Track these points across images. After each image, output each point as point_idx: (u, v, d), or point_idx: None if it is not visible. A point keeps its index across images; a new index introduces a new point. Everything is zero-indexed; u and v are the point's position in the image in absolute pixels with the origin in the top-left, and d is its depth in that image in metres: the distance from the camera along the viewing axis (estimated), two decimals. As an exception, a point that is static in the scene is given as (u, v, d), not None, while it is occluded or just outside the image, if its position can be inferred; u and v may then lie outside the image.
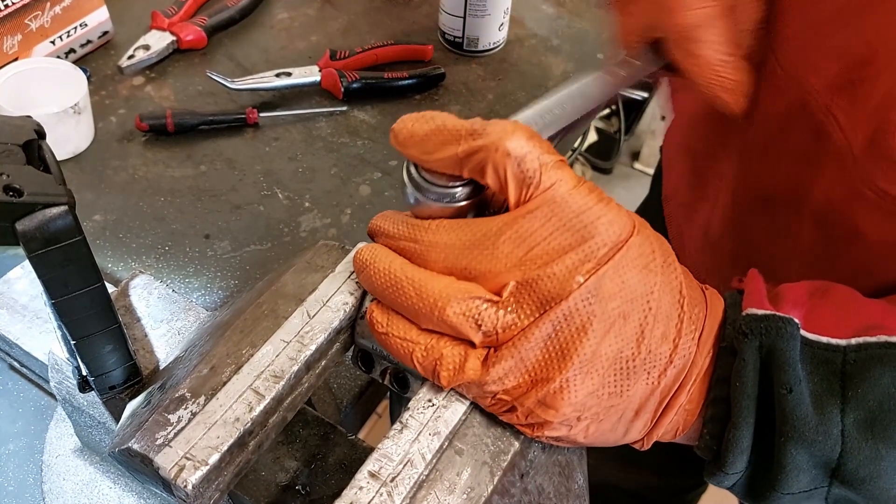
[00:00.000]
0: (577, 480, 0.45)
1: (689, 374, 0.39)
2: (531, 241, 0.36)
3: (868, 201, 0.50)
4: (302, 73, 0.87)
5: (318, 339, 0.41)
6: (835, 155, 0.51)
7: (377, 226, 0.41)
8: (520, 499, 0.40)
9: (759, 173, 0.59)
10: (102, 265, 0.72)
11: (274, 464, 0.48)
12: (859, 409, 0.38)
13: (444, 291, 0.37)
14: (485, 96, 0.90)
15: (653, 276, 0.37)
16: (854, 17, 0.48)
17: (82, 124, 0.80)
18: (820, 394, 0.39)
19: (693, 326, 0.39)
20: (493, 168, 0.37)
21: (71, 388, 0.48)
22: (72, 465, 0.54)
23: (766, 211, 0.60)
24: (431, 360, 0.38)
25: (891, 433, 0.38)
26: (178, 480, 0.35)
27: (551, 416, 0.37)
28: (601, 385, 0.37)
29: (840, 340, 0.39)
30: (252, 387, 0.38)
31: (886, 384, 0.38)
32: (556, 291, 0.36)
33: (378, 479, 0.36)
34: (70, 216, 0.34)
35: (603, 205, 0.37)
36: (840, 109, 0.50)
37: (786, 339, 0.39)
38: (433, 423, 0.39)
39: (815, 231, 0.55)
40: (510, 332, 0.36)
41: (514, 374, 0.37)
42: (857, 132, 0.49)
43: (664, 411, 0.40)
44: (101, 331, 0.40)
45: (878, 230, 0.51)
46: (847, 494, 0.40)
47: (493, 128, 0.37)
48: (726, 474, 0.41)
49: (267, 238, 0.75)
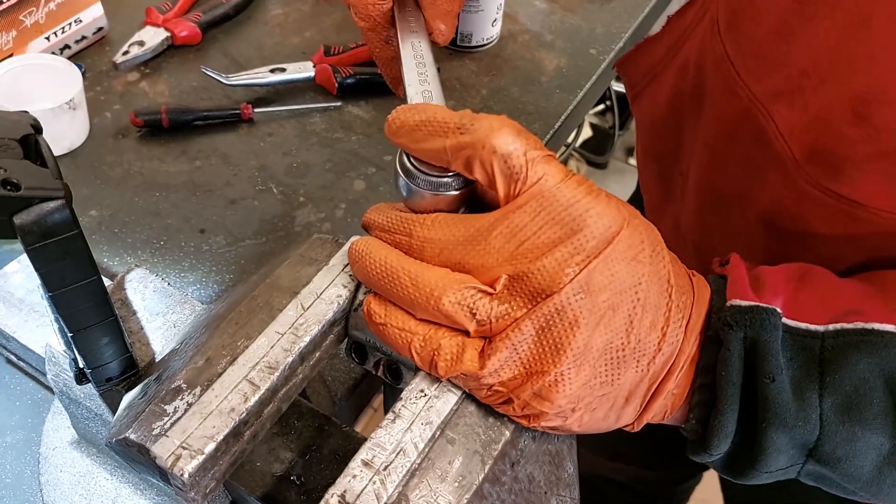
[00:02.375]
0: (567, 469, 0.46)
1: (678, 361, 0.40)
2: (521, 236, 0.37)
3: (816, 201, 0.51)
4: (296, 69, 0.88)
5: (313, 331, 0.41)
6: (776, 160, 0.53)
7: (371, 219, 0.42)
8: (510, 487, 0.41)
9: (713, 176, 0.61)
10: (98, 260, 0.72)
11: (269, 455, 0.48)
12: (836, 394, 0.40)
13: (440, 282, 0.37)
14: (478, 91, 0.91)
15: (641, 267, 0.38)
16: (797, 29, 0.50)
17: (77, 120, 0.80)
18: (800, 379, 0.40)
19: (681, 315, 0.40)
20: (480, 165, 0.37)
21: (68, 381, 0.48)
22: (69, 457, 0.55)
23: (721, 212, 0.62)
24: (429, 350, 0.38)
25: (865, 416, 0.39)
26: (175, 469, 0.36)
27: (547, 407, 0.38)
28: (593, 375, 0.38)
29: (819, 327, 0.41)
30: (247, 378, 0.39)
31: (862, 370, 0.40)
32: (547, 285, 0.36)
33: (371, 468, 0.37)
34: (67, 210, 0.34)
35: (592, 197, 0.37)
36: (780, 116, 0.52)
37: (769, 331, 0.40)
38: (425, 412, 0.39)
39: (764, 232, 0.57)
40: (503, 321, 0.37)
41: (509, 365, 0.38)
42: (795, 139, 0.51)
43: (653, 396, 0.41)
44: (97, 323, 0.40)
45: (828, 226, 0.52)
46: (820, 470, 0.42)
47: (480, 123, 0.37)
48: (710, 454, 0.42)
49: (261, 233, 0.75)
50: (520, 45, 0.97)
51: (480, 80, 0.92)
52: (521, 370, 0.38)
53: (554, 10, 1.02)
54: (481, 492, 0.39)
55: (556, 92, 0.91)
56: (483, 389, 0.39)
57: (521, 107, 0.89)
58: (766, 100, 0.53)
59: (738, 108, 0.56)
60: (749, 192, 0.57)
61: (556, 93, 0.91)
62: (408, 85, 0.48)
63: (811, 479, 0.43)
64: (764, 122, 0.53)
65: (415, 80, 0.48)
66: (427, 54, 0.51)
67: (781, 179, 0.53)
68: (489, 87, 0.91)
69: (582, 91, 0.91)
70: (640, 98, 0.75)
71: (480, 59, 0.95)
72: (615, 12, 1.02)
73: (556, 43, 0.98)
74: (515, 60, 0.95)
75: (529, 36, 0.98)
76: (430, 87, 0.47)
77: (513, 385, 0.38)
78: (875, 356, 0.40)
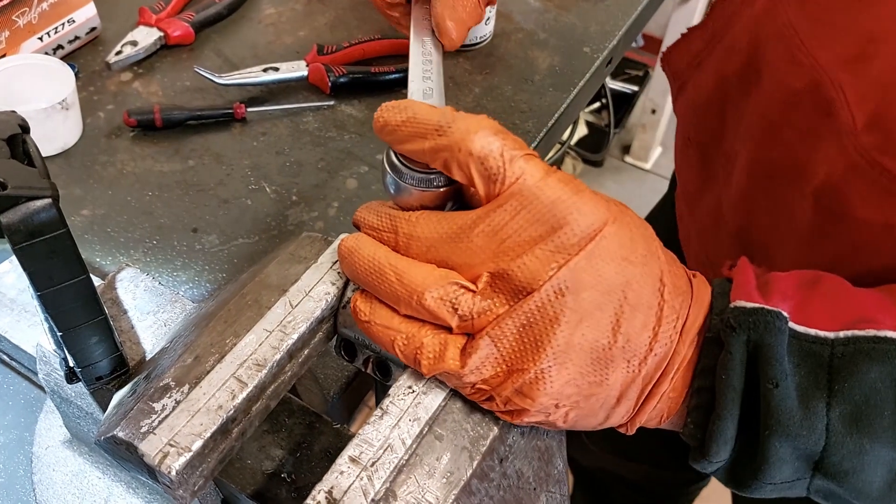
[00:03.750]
0: (557, 465, 0.46)
1: (672, 363, 0.40)
2: (503, 234, 0.37)
3: (865, 177, 0.50)
4: (289, 68, 0.88)
5: (301, 329, 0.41)
6: (838, 131, 0.51)
7: (360, 216, 0.42)
8: (499, 483, 0.41)
9: (768, 149, 0.59)
10: (91, 259, 0.73)
11: (259, 452, 0.48)
12: (845, 403, 0.38)
13: (425, 278, 0.37)
14: (472, 90, 0.91)
15: (630, 268, 0.38)
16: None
17: (70, 120, 0.80)
18: (806, 387, 0.38)
19: (675, 315, 0.39)
20: (457, 167, 0.37)
21: (59, 380, 0.48)
22: (61, 456, 0.55)
23: (770, 188, 0.60)
24: (412, 348, 0.39)
25: (875, 427, 0.38)
26: (162, 467, 0.36)
27: (528, 404, 0.38)
28: (578, 374, 0.38)
29: (828, 333, 0.39)
30: (235, 375, 0.39)
31: (873, 378, 0.38)
32: (528, 282, 0.36)
33: (358, 464, 0.37)
34: (54, 209, 0.34)
35: (574, 194, 0.37)
36: (849, 85, 0.50)
37: (774, 334, 0.39)
38: (413, 409, 0.40)
39: (812, 209, 0.55)
40: (485, 317, 0.37)
41: (489, 363, 0.38)
42: (861, 108, 0.49)
43: (647, 398, 0.40)
44: (86, 322, 0.40)
45: (870, 209, 0.51)
46: (829, 486, 0.40)
47: (457, 125, 0.37)
48: (710, 462, 0.41)
49: (254, 231, 0.75)
50: (513, 43, 0.97)
51: (474, 79, 0.92)
52: (503, 367, 0.38)
53: (548, 9, 1.02)
54: (469, 488, 0.39)
55: (550, 90, 0.91)
56: (467, 387, 0.39)
57: (514, 105, 0.89)
58: (832, 67, 0.51)
59: (801, 78, 0.54)
60: (805, 166, 0.55)
61: (550, 91, 0.91)
62: (411, 80, 0.48)
63: (821, 496, 0.42)
64: (829, 90, 0.51)
65: (418, 76, 0.48)
66: (435, 52, 0.51)
67: (836, 150, 0.51)
68: (483, 85, 0.91)
69: (575, 89, 0.91)
70: (685, 88, 0.74)
71: (474, 58, 0.95)
72: (609, 11, 1.02)
73: (549, 41, 0.98)
74: (509, 59, 0.95)
75: (523, 34, 0.99)
76: (431, 85, 0.48)
77: (494, 382, 0.38)
78: (888, 365, 0.38)
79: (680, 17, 1.94)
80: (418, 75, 0.48)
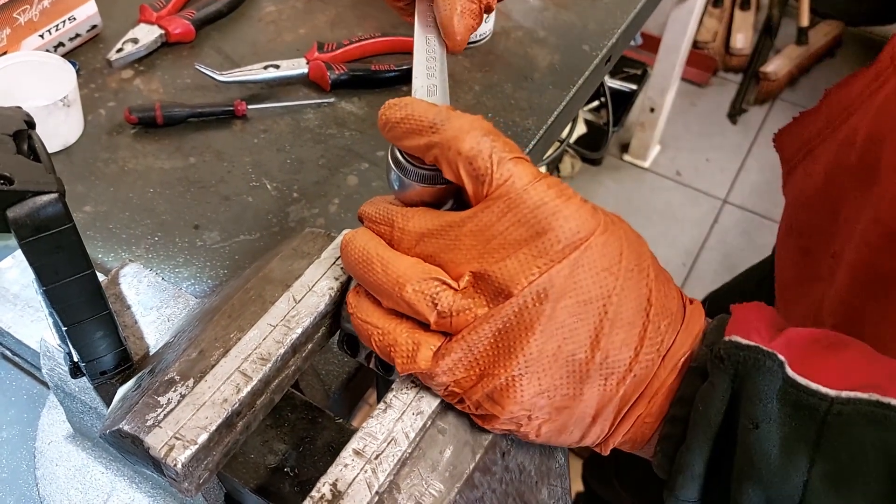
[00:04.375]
0: (559, 459, 0.46)
1: (651, 386, 0.39)
2: (489, 235, 0.37)
3: None
4: (290, 66, 0.88)
5: (304, 323, 0.42)
6: None
7: (363, 210, 0.42)
8: (501, 476, 0.41)
9: (882, 256, 0.55)
10: (93, 256, 0.73)
11: (263, 447, 0.49)
12: (829, 462, 0.35)
13: (408, 271, 0.37)
14: (471, 87, 0.91)
15: (612, 280, 0.37)
16: None
17: (72, 117, 0.80)
18: (791, 438, 0.36)
19: (659, 338, 0.38)
20: (447, 165, 0.38)
21: (63, 375, 0.49)
22: (64, 451, 0.55)
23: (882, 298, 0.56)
24: (386, 345, 0.38)
25: (855, 494, 0.35)
26: (168, 459, 0.36)
27: (498, 411, 0.38)
28: (551, 386, 0.37)
29: (830, 391, 0.36)
30: (240, 369, 0.39)
31: (865, 442, 0.35)
32: (507, 285, 0.36)
33: (363, 457, 0.37)
34: (60, 203, 0.35)
35: (562, 200, 0.36)
36: None
37: (763, 373, 0.37)
38: (416, 402, 0.40)
39: None
40: (464, 317, 0.37)
41: (462, 365, 0.37)
42: None
43: (622, 420, 0.39)
44: (91, 317, 0.40)
45: None
46: None
47: (450, 124, 0.37)
48: (677, 498, 0.39)
49: (256, 228, 0.76)
50: (513, 41, 0.98)
51: (473, 77, 0.92)
52: (475, 371, 0.37)
53: (547, 7, 1.02)
54: (472, 481, 0.39)
55: (549, 88, 0.91)
56: (440, 388, 0.39)
57: (514, 103, 0.89)
58: None
59: None
60: None
61: (549, 89, 0.91)
62: (414, 77, 0.48)
63: None
64: None
65: (422, 73, 0.48)
66: (439, 49, 0.51)
67: None
68: (482, 83, 0.92)
69: (574, 87, 0.92)
70: (794, 173, 0.71)
71: (473, 56, 0.95)
72: (608, 9, 1.02)
73: (548, 39, 0.98)
74: (508, 56, 0.95)
75: (522, 32, 0.99)
76: (435, 82, 0.48)
77: (465, 385, 0.38)
78: (885, 432, 0.35)
79: (678, 16, 1.95)
80: (422, 72, 0.48)
